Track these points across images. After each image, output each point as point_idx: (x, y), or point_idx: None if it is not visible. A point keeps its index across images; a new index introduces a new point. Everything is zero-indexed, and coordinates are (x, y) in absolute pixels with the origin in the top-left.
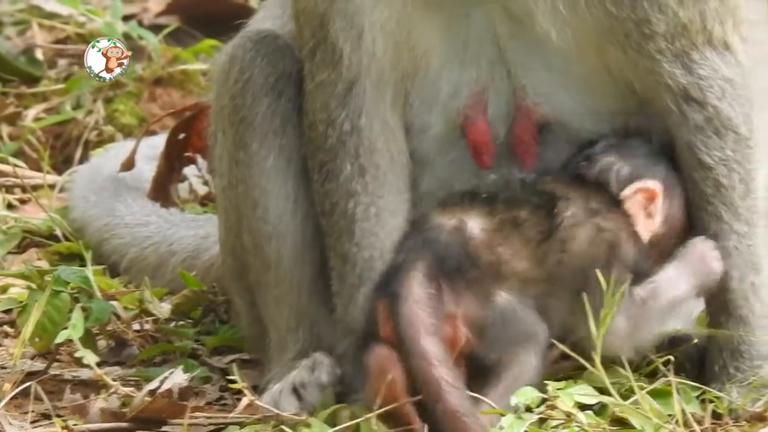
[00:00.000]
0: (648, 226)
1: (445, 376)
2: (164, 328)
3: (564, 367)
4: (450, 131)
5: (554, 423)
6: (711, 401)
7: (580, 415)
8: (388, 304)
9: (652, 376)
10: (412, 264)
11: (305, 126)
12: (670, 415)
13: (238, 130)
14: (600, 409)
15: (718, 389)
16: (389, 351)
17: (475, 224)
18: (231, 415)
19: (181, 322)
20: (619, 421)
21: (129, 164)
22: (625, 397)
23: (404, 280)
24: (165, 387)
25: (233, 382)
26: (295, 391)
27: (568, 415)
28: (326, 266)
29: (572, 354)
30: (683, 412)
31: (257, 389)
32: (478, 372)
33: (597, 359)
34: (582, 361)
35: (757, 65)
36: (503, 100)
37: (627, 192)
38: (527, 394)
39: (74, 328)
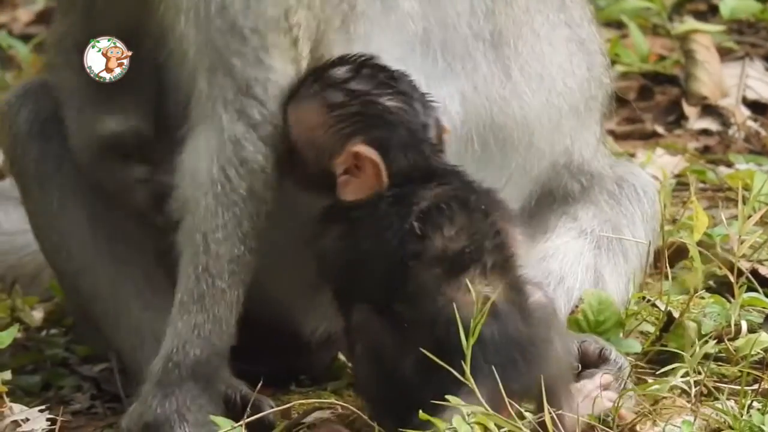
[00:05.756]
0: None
1: None
2: (35, 336)
3: None
4: None
5: None
6: None
7: None
8: None
9: None
10: None
11: None
12: None
13: (20, 183)
14: None
15: None
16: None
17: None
18: None
19: (53, 331)
20: None
21: (5, 170)
22: None
23: None
24: (22, 430)
25: (104, 391)
26: None
27: None
28: (151, 278)
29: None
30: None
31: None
32: None
33: (467, 368)
34: (455, 373)
35: None
36: None
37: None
38: None
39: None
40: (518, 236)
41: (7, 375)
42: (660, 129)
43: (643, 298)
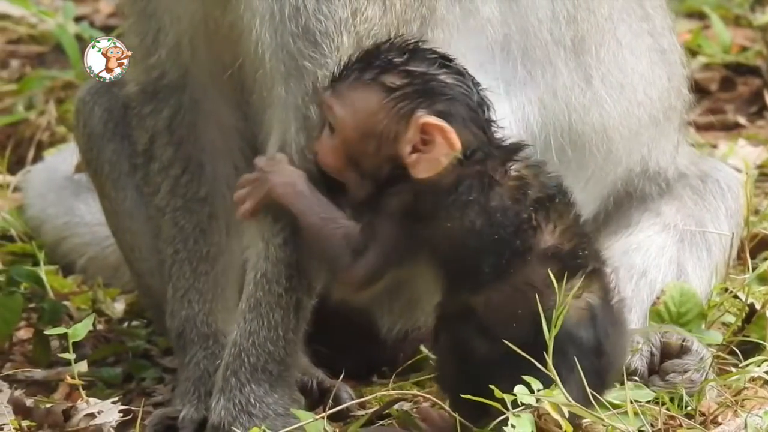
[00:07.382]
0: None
1: None
2: (117, 328)
3: None
4: None
5: None
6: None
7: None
8: None
9: None
10: None
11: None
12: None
13: (97, 181)
14: None
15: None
16: None
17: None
18: None
19: (134, 323)
20: None
21: (83, 167)
22: None
23: None
24: (95, 422)
25: None
26: None
27: None
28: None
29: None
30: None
31: None
32: None
33: (549, 359)
34: (534, 361)
35: None
36: None
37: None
38: None
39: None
40: None
41: (83, 367)
42: (742, 120)
43: (725, 289)
